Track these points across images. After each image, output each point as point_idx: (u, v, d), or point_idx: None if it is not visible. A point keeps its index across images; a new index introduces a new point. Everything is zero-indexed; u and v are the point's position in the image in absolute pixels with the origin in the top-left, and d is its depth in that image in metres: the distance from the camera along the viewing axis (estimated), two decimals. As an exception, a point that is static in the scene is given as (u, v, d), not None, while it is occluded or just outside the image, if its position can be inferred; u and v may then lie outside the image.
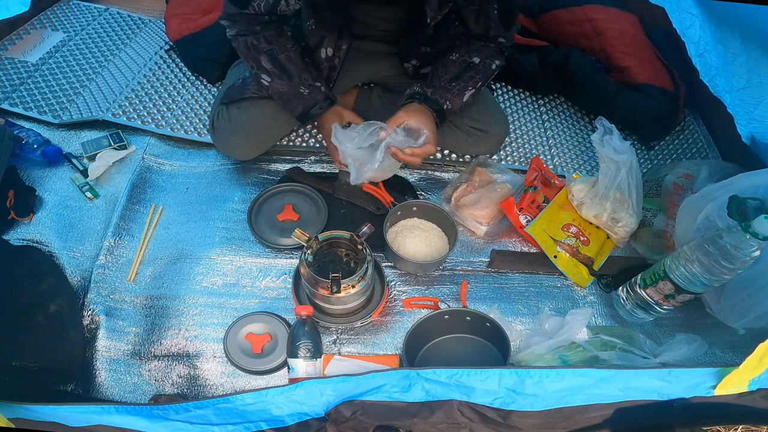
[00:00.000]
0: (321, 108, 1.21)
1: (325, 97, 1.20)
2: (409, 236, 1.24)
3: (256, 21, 1.14)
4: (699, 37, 1.17)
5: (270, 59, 1.16)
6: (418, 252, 1.22)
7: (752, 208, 0.92)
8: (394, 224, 1.26)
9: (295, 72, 1.17)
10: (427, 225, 1.27)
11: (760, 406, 0.84)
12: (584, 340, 1.05)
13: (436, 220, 1.27)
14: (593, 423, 0.86)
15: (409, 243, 1.23)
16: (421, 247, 1.23)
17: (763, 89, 1.10)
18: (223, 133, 1.30)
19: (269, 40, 1.16)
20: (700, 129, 1.59)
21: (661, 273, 1.07)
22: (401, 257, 1.18)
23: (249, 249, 1.24)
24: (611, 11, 1.63)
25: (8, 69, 1.51)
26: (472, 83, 1.20)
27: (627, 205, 1.22)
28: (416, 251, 1.22)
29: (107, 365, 1.07)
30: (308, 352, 0.99)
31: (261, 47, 1.15)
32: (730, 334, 1.14)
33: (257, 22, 1.14)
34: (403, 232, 1.25)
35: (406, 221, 1.27)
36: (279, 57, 1.16)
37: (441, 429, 0.84)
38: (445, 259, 1.24)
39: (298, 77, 1.17)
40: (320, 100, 1.20)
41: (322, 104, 1.21)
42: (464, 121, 1.35)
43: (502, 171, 1.37)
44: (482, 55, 1.20)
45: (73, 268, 1.17)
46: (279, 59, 1.16)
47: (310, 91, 1.18)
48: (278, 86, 1.18)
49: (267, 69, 1.17)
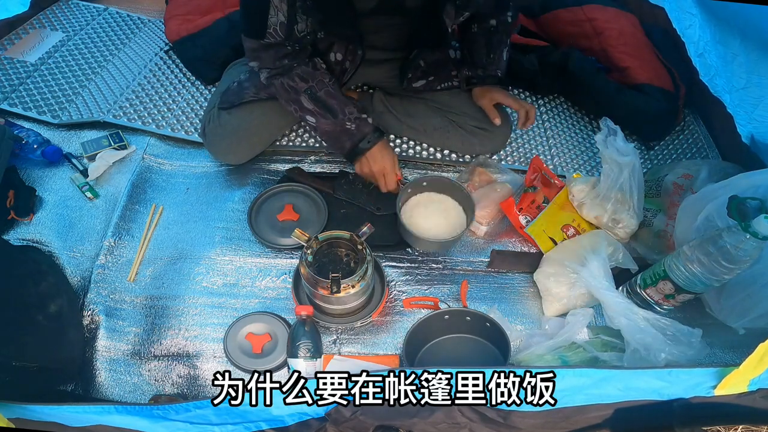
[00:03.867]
0: (370, 141, 1.17)
1: (373, 129, 1.17)
2: (423, 212, 1.22)
3: (281, 53, 1.11)
4: (698, 37, 1.17)
5: (310, 98, 1.13)
6: (438, 226, 1.20)
7: (752, 208, 0.92)
8: (406, 202, 1.24)
9: (338, 107, 1.14)
10: (440, 197, 1.25)
11: (760, 406, 0.84)
12: (584, 341, 1.05)
13: (449, 192, 1.25)
14: (593, 423, 0.87)
15: (425, 219, 1.21)
16: (439, 220, 1.21)
17: (762, 89, 1.11)
18: (214, 137, 1.29)
19: (305, 78, 1.13)
20: (700, 129, 1.59)
21: (661, 273, 1.07)
22: (419, 236, 1.15)
23: (249, 249, 1.24)
24: (611, 11, 1.63)
25: (7, 69, 1.51)
26: (503, 45, 1.30)
27: (628, 206, 1.22)
28: (434, 225, 1.20)
29: (107, 365, 1.07)
30: (308, 352, 0.99)
31: (299, 87, 1.13)
32: (730, 334, 1.14)
33: (283, 55, 1.11)
34: (417, 208, 1.22)
35: (418, 197, 1.25)
36: (319, 95, 1.13)
37: (441, 429, 0.84)
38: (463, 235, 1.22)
39: (342, 112, 1.14)
40: (368, 132, 1.16)
41: (371, 137, 1.17)
42: (467, 120, 1.36)
43: (502, 171, 1.37)
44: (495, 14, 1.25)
45: (73, 268, 1.17)
46: (319, 97, 1.13)
47: (357, 125, 1.15)
48: (324, 126, 1.15)
49: (310, 110, 1.14)
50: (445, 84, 1.34)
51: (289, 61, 1.12)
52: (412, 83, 1.33)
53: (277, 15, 1.04)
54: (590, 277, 1.07)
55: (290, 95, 1.15)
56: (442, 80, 1.33)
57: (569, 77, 1.57)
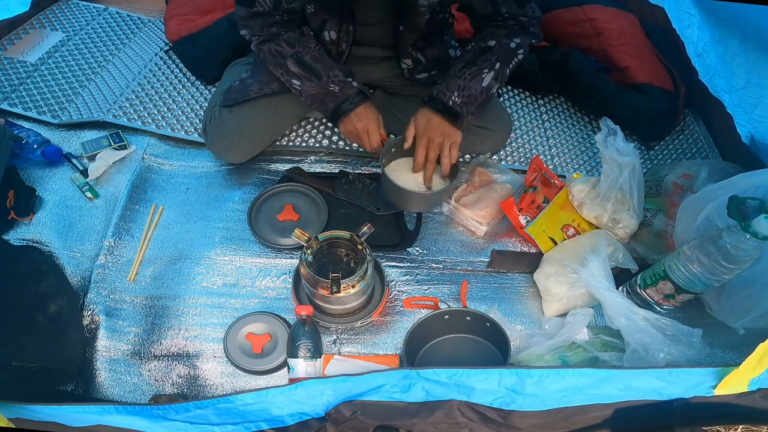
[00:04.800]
0: (353, 103, 1.17)
1: (357, 92, 1.17)
2: (407, 171, 1.21)
3: (269, 21, 1.13)
4: (698, 37, 1.17)
5: (296, 62, 1.15)
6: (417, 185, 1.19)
7: (752, 208, 0.92)
8: (389, 163, 1.23)
9: (323, 70, 1.15)
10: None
11: (760, 406, 0.84)
12: (585, 341, 1.05)
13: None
14: (593, 423, 0.87)
15: (409, 176, 1.20)
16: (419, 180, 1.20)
17: (762, 89, 1.11)
18: (216, 136, 1.30)
19: (291, 43, 1.14)
20: (700, 129, 1.59)
21: (661, 273, 1.07)
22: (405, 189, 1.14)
23: (249, 249, 1.24)
24: (611, 11, 1.63)
25: (7, 69, 1.51)
26: (488, 65, 1.13)
27: (628, 206, 1.22)
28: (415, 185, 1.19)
29: (107, 365, 1.07)
30: (308, 352, 0.99)
31: (285, 52, 1.14)
32: (730, 334, 1.14)
33: (271, 23, 1.13)
34: (402, 167, 1.21)
35: (404, 159, 1.23)
36: (305, 59, 1.15)
37: (441, 429, 0.84)
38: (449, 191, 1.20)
39: (327, 75, 1.15)
40: (351, 94, 1.17)
41: (353, 99, 1.17)
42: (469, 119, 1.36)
43: (502, 171, 1.37)
44: (498, 36, 1.14)
45: (73, 268, 1.17)
46: (305, 61, 1.15)
47: (341, 87, 1.16)
48: (309, 88, 1.17)
49: (295, 73, 1.16)
50: None
51: (276, 29, 1.14)
52: (414, 75, 1.32)
53: None
54: (590, 277, 1.07)
55: (277, 60, 1.16)
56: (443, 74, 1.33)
57: (569, 77, 1.57)
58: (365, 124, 1.17)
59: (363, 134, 1.19)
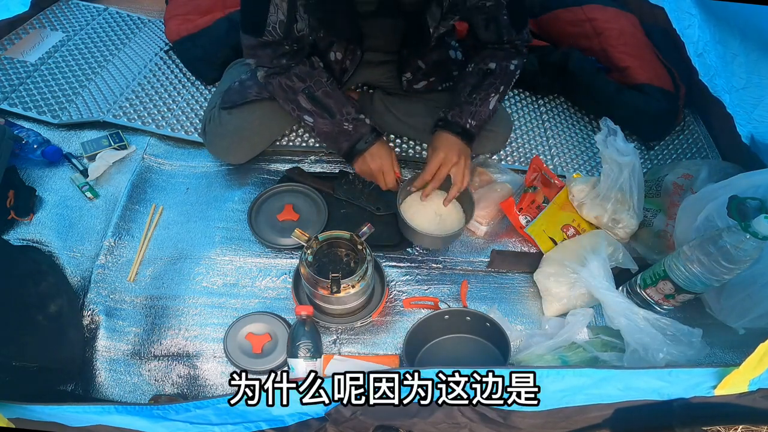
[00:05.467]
0: (367, 142, 1.16)
1: (370, 130, 1.16)
2: (423, 209, 1.22)
3: (279, 52, 1.11)
4: (698, 37, 1.17)
5: (308, 98, 1.13)
6: (437, 222, 1.20)
7: (752, 208, 0.92)
8: (405, 199, 1.24)
9: (336, 107, 1.14)
10: (440, 194, 1.24)
11: (760, 406, 0.84)
12: (585, 341, 1.05)
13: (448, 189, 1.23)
14: (593, 423, 0.87)
15: (425, 215, 1.21)
16: (439, 217, 1.21)
17: (762, 89, 1.11)
18: (215, 137, 1.29)
19: (302, 77, 1.13)
20: (700, 129, 1.59)
21: (661, 273, 1.07)
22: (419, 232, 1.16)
23: (249, 249, 1.24)
24: (611, 11, 1.63)
25: (7, 69, 1.51)
26: (493, 89, 1.18)
27: (628, 206, 1.22)
28: (434, 221, 1.20)
29: (107, 365, 1.07)
30: (308, 352, 0.99)
31: (296, 87, 1.13)
32: (730, 334, 1.14)
33: (280, 54, 1.11)
34: (417, 205, 1.22)
35: (418, 194, 1.24)
36: (316, 94, 1.13)
37: (441, 429, 0.84)
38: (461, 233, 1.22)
39: (340, 113, 1.14)
40: (366, 133, 1.16)
41: (367, 138, 1.16)
42: None
43: (502, 171, 1.37)
44: (497, 59, 1.19)
45: (73, 268, 1.17)
46: (317, 97, 1.13)
47: (354, 126, 1.15)
48: (322, 126, 1.15)
49: (308, 109, 1.14)
50: (446, 84, 1.34)
51: (287, 60, 1.12)
52: (413, 85, 1.32)
53: (276, 13, 1.04)
54: (590, 277, 1.07)
55: (288, 95, 1.15)
56: (442, 80, 1.33)
57: (569, 77, 1.57)
58: (380, 165, 1.17)
59: (378, 174, 1.18)
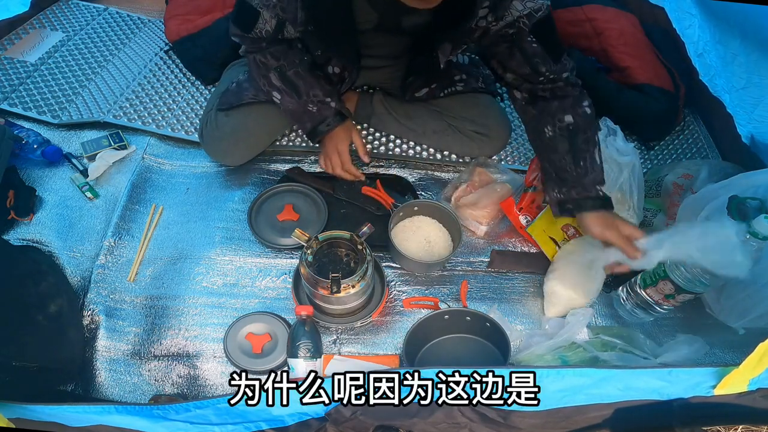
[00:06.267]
0: (329, 125, 1.18)
1: (334, 113, 1.18)
2: (411, 236, 1.24)
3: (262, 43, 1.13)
4: (698, 37, 1.17)
5: (279, 76, 1.15)
6: (421, 250, 1.22)
7: (752, 208, 0.92)
8: (396, 225, 1.26)
9: (304, 89, 1.16)
10: (429, 222, 1.26)
11: (760, 406, 0.84)
12: (584, 341, 1.05)
13: (438, 218, 1.26)
14: (593, 423, 0.87)
15: (412, 242, 1.23)
16: (423, 244, 1.23)
17: (762, 89, 1.11)
18: (212, 140, 1.30)
19: (277, 56, 1.14)
20: (700, 129, 1.59)
21: (661, 273, 1.07)
22: (405, 256, 1.17)
23: (249, 249, 1.24)
24: (611, 11, 1.63)
25: (7, 69, 1.51)
26: (591, 144, 1.04)
27: (628, 206, 1.22)
28: (418, 249, 1.22)
29: (107, 365, 1.07)
30: (308, 352, 0.99)
31: (270, 64, 1.14)
32: (730, 334, 1.14)
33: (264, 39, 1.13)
34: (405, 232, 1.25)
35: (408, 220, 1.27)
36: (287, 74, 1.15)
37: (441, 429, 0.84)
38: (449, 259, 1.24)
39: (306, 94, 1.16)
40: (329, 116, 1.18)
41: (330, 120, 1.18)
42: (466, 125, 1.36)
43: (502, 171, 1.37)
44: (568, 110, 1.05)
45: (73, 268, 1.17)
46: (287, 76, 1.15)
47: (318, 108, 1.17)
48: (288, 104, 1.17)
49: (277, 86, 1.16)
50: (448, 90, 1.34)
51: (267, 44, 1.14)
52: (414, 93, 1.33)
53: (265, 25, 1.07)
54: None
55: (260, 70, 1.17)
56: (444, 86, 1.33)
57: (569, 77, 1.56)
58: (335, 146, 1.20)
59: (333, 156, 1.21)
